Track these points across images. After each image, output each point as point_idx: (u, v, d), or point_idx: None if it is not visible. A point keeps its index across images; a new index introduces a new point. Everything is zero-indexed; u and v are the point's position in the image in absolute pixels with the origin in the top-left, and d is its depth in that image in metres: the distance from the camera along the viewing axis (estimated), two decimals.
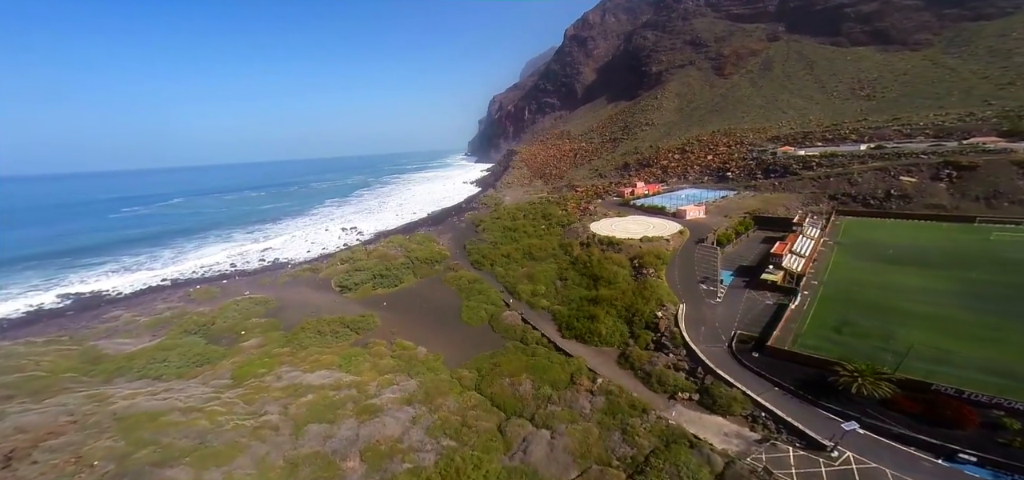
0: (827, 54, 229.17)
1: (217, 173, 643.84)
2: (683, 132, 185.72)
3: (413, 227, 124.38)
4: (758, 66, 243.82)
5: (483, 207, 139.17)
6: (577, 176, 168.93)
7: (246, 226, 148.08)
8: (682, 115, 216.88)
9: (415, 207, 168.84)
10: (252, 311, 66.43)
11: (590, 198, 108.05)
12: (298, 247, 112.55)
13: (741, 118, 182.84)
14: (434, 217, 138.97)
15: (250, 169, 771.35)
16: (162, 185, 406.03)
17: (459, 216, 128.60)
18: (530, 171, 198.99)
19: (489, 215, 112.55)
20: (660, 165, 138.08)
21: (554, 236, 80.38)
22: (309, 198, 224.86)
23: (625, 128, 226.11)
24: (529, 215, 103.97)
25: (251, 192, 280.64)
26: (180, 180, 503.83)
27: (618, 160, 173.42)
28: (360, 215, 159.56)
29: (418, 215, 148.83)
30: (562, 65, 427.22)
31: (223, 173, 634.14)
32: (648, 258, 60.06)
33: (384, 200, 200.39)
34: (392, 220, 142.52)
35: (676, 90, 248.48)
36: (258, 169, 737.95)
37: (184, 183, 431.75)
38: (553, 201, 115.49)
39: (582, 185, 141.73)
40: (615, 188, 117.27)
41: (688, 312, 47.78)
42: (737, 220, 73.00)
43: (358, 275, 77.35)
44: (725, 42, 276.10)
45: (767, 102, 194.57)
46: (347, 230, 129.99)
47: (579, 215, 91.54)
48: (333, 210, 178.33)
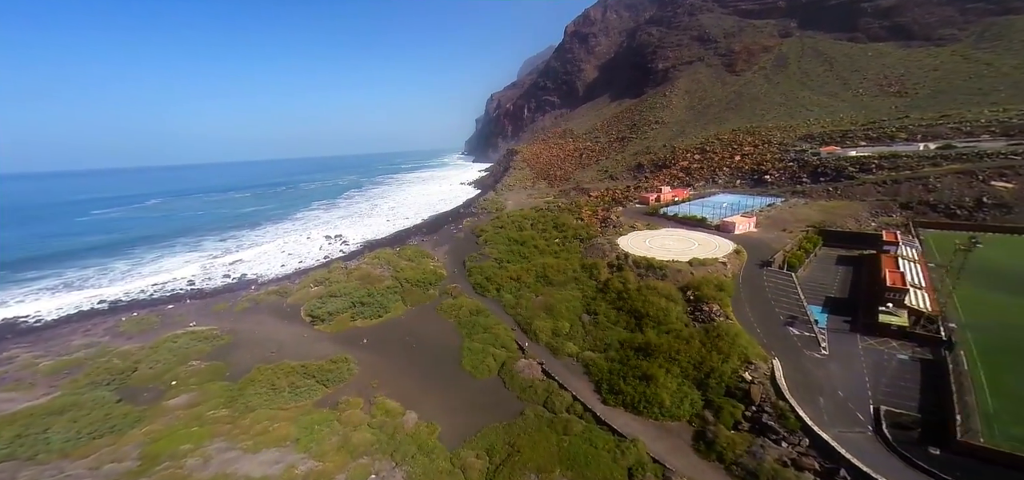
0: (845, 50, 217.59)
1: (209, 172, 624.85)
2: (698, 130, 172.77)
3: (404, 236, 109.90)
4: (771, 63, 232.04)
5: (483, 213, 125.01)
6: (585, 178, 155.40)
7: (220, 232, 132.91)
8: (694, 113, 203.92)
9: (408, 212, 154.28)
10: (192, 351, 51.80)
11: (608, 205, 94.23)
12: (272, 260, 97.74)
13: (761, 116, 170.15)
14: (428, 224, 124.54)
15: (244, 168, 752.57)
16: (147, 184, 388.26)
17: (457, 223, 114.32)
18: (533, 172, 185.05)
19: (491, 223, 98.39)
20: (680, 166, 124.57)
21: (573, 253, 66.32)
22: (296, 200, 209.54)
23: (633, 126, 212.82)
24: (538, 224, 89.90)
25: (237, 193, 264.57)
26: (168, 179, 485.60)
27: (629, 160, 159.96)
28: (348, 220, 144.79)
29: (411, 221, 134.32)
30: (563, 62, 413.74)
31: (215, 172, 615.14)
32: (706, 289, 46.17)
33: (375, 203, 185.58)
34: (382, 227, 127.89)
35: (685, 87, 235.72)
36: (252, 168, 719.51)
37: (171, 182, 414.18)
38: (564, 207, 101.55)
39: (594, 189, 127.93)
40: (634, 192, 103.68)
41: (787, 371, 33.93)
42: (800, 235, 59.35)
43: (334, 302, 62.88)
44: (735, 38, 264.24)
45: (787, 99, 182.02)
46: (331, 239, 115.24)
47: (599, 226, 77.67)
48: (320, 214, 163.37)
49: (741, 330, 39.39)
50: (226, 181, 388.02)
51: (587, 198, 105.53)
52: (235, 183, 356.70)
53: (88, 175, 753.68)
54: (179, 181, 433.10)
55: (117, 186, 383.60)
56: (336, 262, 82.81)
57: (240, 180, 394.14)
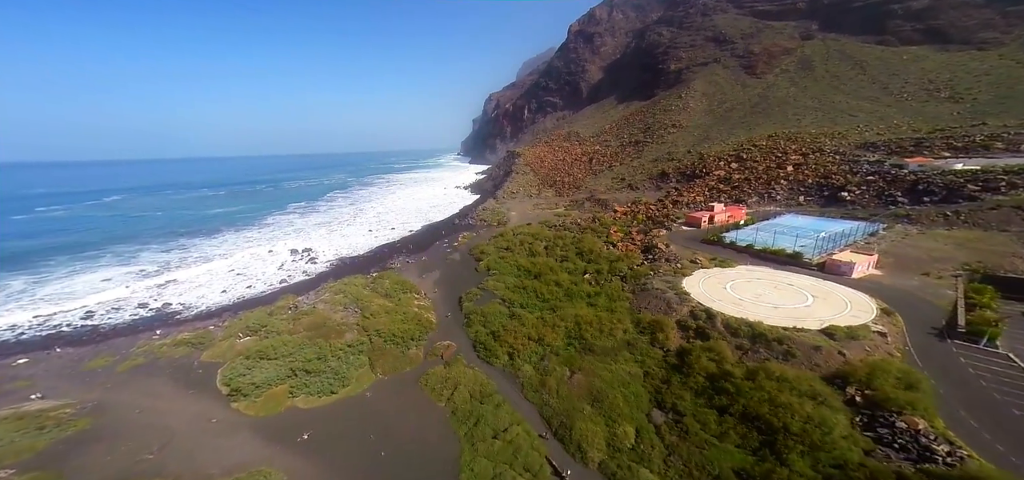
0: (876, 54, 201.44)
1: (196, 166, 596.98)
2: (724, 135, 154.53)
3: (386, 254, 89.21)
4: (795, 65, 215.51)
5: (482, 225, 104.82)
6: (599, 186, 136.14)
7: (167, 240, 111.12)
8: (715, 117, 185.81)
9: (395, 220, 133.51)
10: (6, 452, 31.13)
11: (644, 225, 74.53)
12: (214, 283, 76.50)
13: (795, 121, 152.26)
14: (417, 239, 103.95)
15: (233, 163, 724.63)
16: (120, 179, 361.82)
17: (450, 238, 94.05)
18: (537, 178, 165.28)
19: (493, 243, 78.29)
20: (715, 176, 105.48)
21: (618, 301, 46.34)
22: (271, 201, 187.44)
23: (647, 130, 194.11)
24: (556, 247, 69.91)
25: (212, 190, 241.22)
26: (147, 173, 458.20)
27: (649, 167, 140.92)
28: (323, 229, 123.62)
29: (397, 233, 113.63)
30: (566, 62, 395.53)
31: (202, 166, 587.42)
32: (884, 385, 26.48)
33: (360, 208, 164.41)
34: (361, 240, 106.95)
35: (702, 89, 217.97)
36: (241, 163, 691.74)
37: (148, 176, 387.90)
38: (585, 225, 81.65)
39: (614, 200, 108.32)
40: (671, 208, 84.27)
41: None
42: (964, 286, 39.97)
43: (267, 367, 42.39)
44: (753, 40, 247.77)
45: (820, 103, 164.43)
46: (297, 254, 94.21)
47: (640, 255, 57.95)
48: (294, 219, 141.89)
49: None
50: (207, 177, 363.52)
51: (613, 214, 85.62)
52: (216, 179, 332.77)
53: (64, 166, 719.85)
54: (157, 175, 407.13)
55: (83, 180, 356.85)
56: (289, 294, 61.94)
57: (223, 176, 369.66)
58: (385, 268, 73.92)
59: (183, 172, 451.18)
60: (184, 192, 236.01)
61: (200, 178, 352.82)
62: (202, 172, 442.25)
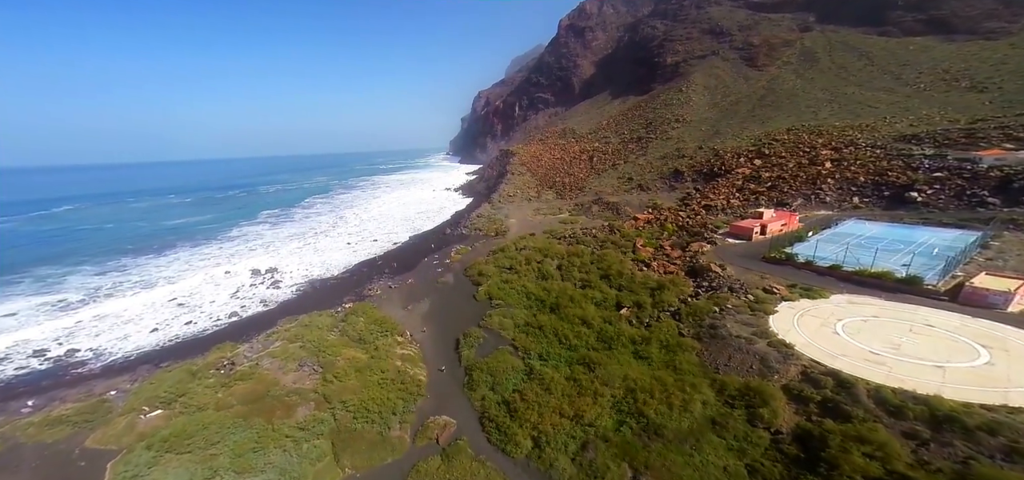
0: (880, 45, 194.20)
1: (172, 170, 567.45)
2: (735, 129, 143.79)
3: (364, 276, 74.89)
4: (796, 57, 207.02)
5: (478, 236, 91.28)
6: (604, 187, 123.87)
7: (109, 258, 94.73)
8: (720, 110, 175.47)
9: (378, 229, 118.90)
10: None
11: (674, 235, 61.94)
12: (146, 318, 61.32)
13: (810, 114, 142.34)
14: (402, 254, 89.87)
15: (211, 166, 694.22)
16: (77, 185, 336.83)
17: (441, 253, 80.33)
18: (535, 179, 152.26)
19: (493, 260, 64.96)
20: (739, 173, 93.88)
21: (675, 349, 33.54)
22: (242, 209, 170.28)
23: (649, 125, 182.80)
24: (570, 266, 56.81)
25: (176, 197, 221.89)
26: (116, 177, 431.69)
27: (658, 165, 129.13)
28: (295, 242, 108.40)
29: (379, 245, 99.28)
30: (557, 57, 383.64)
31: (180, 170, 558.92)
32: None
33: (340, 215, 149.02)
34: (337, 256, 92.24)
35: (703, 82, 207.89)
36: (219, 166, 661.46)
37: (112, 182, 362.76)
38: (601, 235, 68.77)
39: (630, 205, 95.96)
40: (698, 211, 71.98)
41: None
42: None
43: (175, 467, 28.24)
44: (751, 32, 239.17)
45: (832, 96, 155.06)
46: (259, 276, 79.18)
47: (685, 278, 45.33)
48: (263, 231, 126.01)
49: None
50: (180, 182, 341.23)
51: (634, 223, 72.75)
52: (189, 184, 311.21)
53: (36, 172, 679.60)
54: (128, 180, 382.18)
55: (41, 187, 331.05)
56: (229, 342, 47.45)
57: (198, 180, 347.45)
58: (362, 297, 59.83)
59: (158, 176, 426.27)
60: (148, 199, 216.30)
61: (172, 183, 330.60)
62: (178, 176, 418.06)
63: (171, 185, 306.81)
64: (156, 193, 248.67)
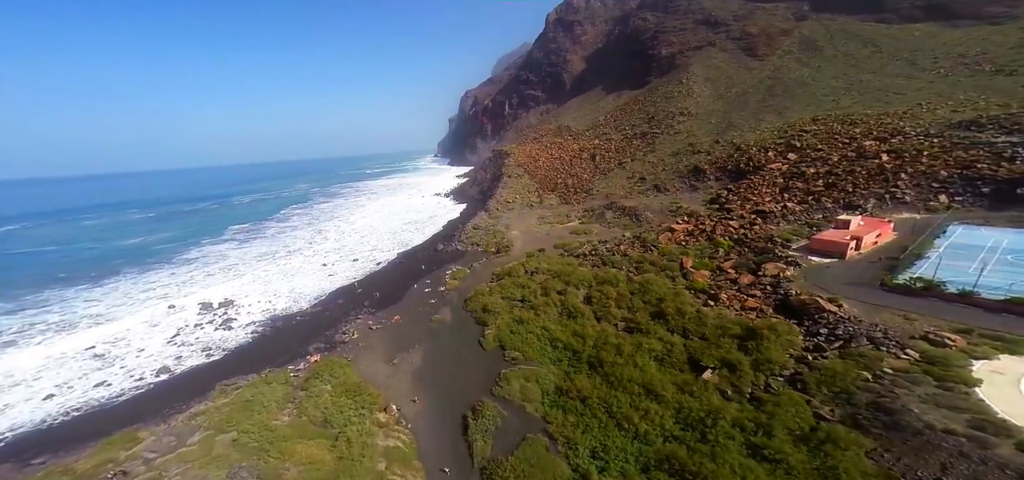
0: (884, 32, 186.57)
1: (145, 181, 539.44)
2: (749, 121, 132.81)
3: (338, 311, 60.67)
4: (797, 46, 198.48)
5: (476, 252, 77.81)
6: (614, 188, 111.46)
7: (32, 290, 78.51)
8: (727, 102, 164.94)
9: (359, 245, 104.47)
10: None
11: (731, 253, 49.40)
12: (45, 378, 46.38)
13: (831, 102, 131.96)
14: (387, 278, 75.82)
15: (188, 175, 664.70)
16: (31, 201, 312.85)
17: (434, 276, 66.68)
18: (534, 181, 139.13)
19: (499, 288, 51.71)
20: (774, 169, 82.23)
21: (825, 447, 21.02)
22: (209, 224, 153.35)
23: (651, 119, 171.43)
24: (603, 296, 43.78)
25: (139, 211, 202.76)
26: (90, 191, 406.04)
27: (672, 162, 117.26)
28: (263, 264, 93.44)
29: (360, 266, 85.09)
30: (546, 53, 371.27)
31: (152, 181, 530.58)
32: None
33: (318, 228, 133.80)
34: (308, 282, 77.73)
35: (703, 74, 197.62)
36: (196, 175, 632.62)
37: (81, 196, 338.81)
38: (635, 255, 55.91)
39: (651, 208, 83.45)
40: (752, 219, 59.76)
41: None
42: None
43: None
44: (747, 21, 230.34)
45: (848, 83, 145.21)
46: (210, 311, 64.37)
47: (776, 316, 32.86)
48: (228, 250, 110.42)
49: None
50: (150, 194, 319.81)
51: (669, 235, 59.88)
52: (159, 196, 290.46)
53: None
54: (94, 194, 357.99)
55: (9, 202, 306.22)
56: (127, 432, 33.36)
57: (169, 192, 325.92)
58: (333, 344, 45.96)
59: (130, 188, 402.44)
60: (109, 215, 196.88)
61: (143, 195, 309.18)
62: (152, 188, 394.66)
63: (141, 198, 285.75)
64: (120, 207, 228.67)
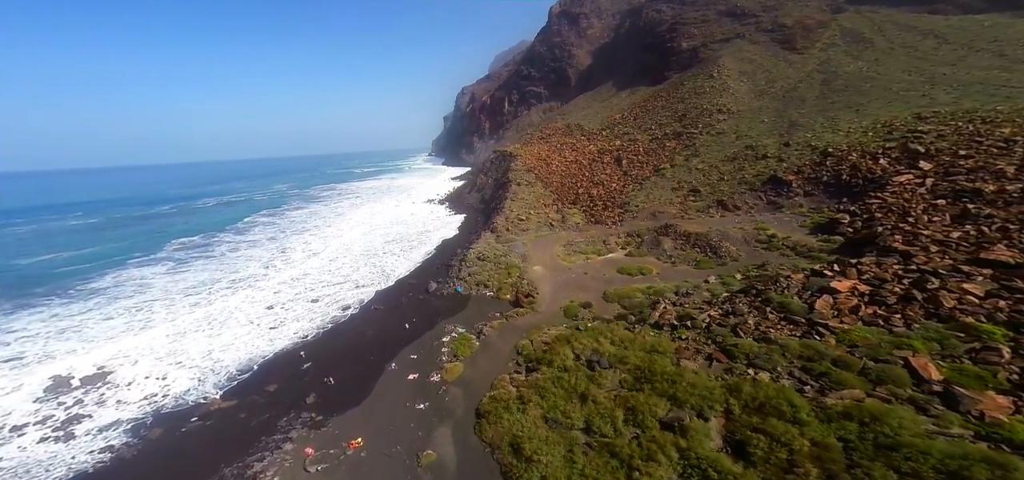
0: (944, 24, 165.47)
1: (116, 177, 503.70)
2: (817, 120, 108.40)
3: (263, 410, 34.72)
4: (841, 39, 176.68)
5: (484, 297, 52.30)
6: (659, 202, 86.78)
7: None
8: (773, 98, 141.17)
9: (326, 273, 78.27)
10: None
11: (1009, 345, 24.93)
12: None
13: (919, 98, 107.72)
14: (350, 338, 49.84)
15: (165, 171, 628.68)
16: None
17: (425, 342, 41.13)
18: (548, 190, 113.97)
19: (530, 387, 26.47)
20: (899, 182, 58.02)
21: None
22: (148, 236, 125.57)
23: (682, 118, 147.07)
24: (773, 441, 19.04)
25: (79, 216, 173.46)
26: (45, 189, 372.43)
27: (729, 169, 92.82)
28: (190, 302, 66.98)
29: (317, 313, 59.05)
30: (549, 47, 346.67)
31: (122, 177, 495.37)
32: None
33: (283, 245, 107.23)
34: (237, 340, 51.54)
35: (736, 68, 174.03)
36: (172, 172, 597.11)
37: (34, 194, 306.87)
38: (784, 342, 31.02)
39: (729, 242, 58.51)
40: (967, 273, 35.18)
41: None
42: None
43: None
44: (779, 12, 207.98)
45: (929, 78, 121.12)
46: (62, 395, 38.16)
47: None
48: (153, 278, 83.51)
49: None
50: (107, 194, 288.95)
51: (828, 303, 34.83)
52: (116, 197, 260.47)
53: None
54: (45, 193, 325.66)
55: None
56: None
57: (129, 193, 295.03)
58: None
59: (93, 187, 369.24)
60: (40, 220, 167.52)
61: (98, 195, 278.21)
62: (115, 186, 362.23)
63: (100, 197, 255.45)
64: (64, 210, 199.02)
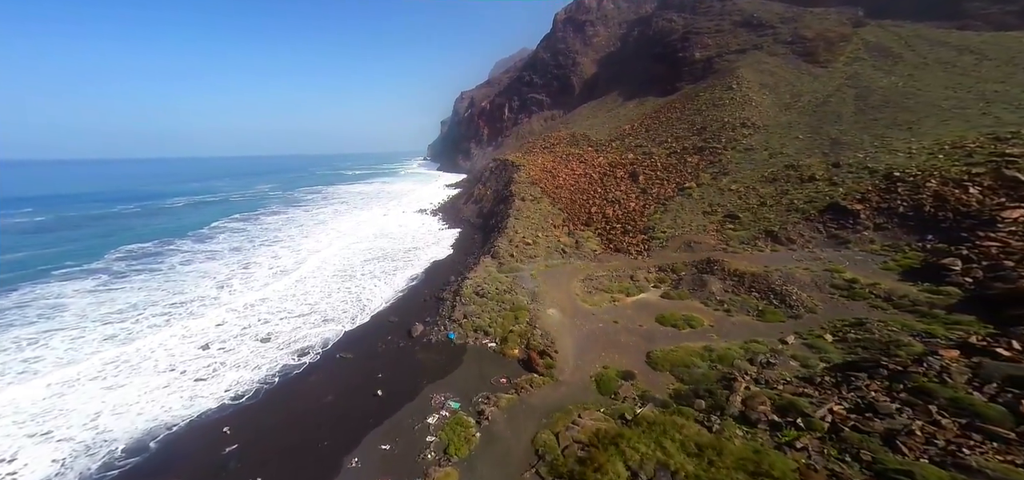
0: (977, 40, 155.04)
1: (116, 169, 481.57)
2: (866, 139, 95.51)
3: None
4: (867, 52, 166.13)
5: (483, 348, 37.74)
6: (690, 228, 72.93)
7: None
8: (801, 113, 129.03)
9: (289, 301, 62.95)
10: None
11: None
12: None
13: (980, 118, 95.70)
14: (299, 409, 34.60)
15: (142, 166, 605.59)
16: None
17: (402, 422, 26.16)
18: (556, 206, 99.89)
19: None
20: (1009, 217, 44.85)
21: None
22: (95, 239, 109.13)
23: (702, 131, 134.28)
24: None
25: (28, 212, 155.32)
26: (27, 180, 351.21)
27: (772, 193, 79.42)
28: (108, 332, 51.36)
29: (265, 359, 43.90)
30: (554, 54, 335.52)
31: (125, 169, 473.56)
32: None
33: (248, 259, 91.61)
34: (146, 399, 36.22)
35: (757, 80, 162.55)
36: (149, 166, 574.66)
37: None
38: None
39: (796, 285, 44.37)
40: None
41: None
42: None
43: None
44: (797, 23, 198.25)
45: (980, 97, 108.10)
46: None
47: None
48: (71, 298, 67.45)
49: None
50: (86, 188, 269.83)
51: None
52: (87, 190, 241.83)
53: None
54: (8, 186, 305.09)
55: None
56: None
57: (104, 186, 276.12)
58: None
59: (77, 179, 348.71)
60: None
61: (68, 189, 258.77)
62: (93, 179, 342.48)
63: (57, 192, 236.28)
64: (13, 205, 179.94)
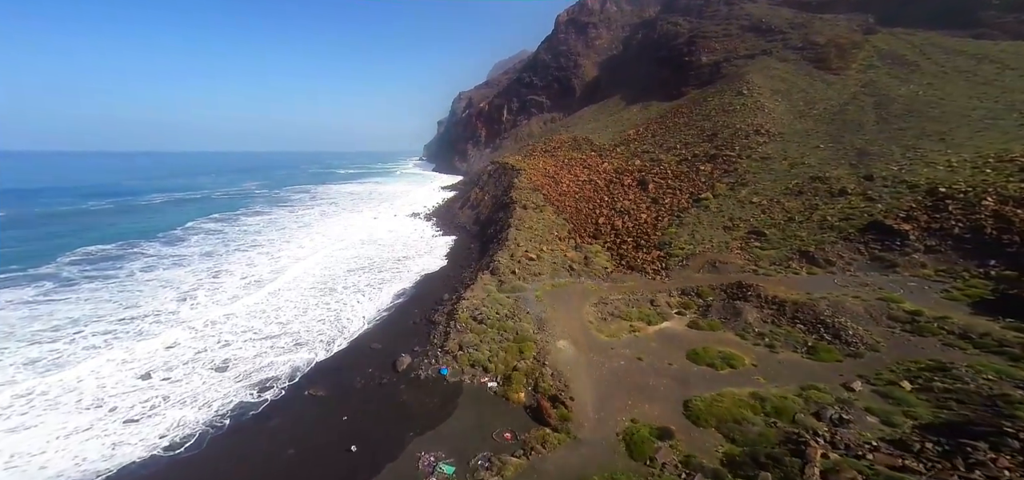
0: (995, 49, 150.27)
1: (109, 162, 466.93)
2: (896, 150, 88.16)
3: None
4: (881, 60, 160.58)
5: (480, 390, 29.61)
6: (713, 246, 65.12)
7: None
8: (817, 121, 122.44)
9: (258, 320, 54.29)
10: None
11: None
12: None
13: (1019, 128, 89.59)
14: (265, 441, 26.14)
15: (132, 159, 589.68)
16: None
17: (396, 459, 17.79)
18: (561, 215, 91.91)
19: None
20: None
21: None
22: (55, 239, 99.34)
23: (713, 138, 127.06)
24: None
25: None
26: None
27: (800, 208, 71.88)
28: (26, 357, 42.29)
29: (223, 388, 35.55)
30: (555, 55, 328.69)
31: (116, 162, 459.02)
32: None
33: (219, 267, 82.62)
34: (47, 464, 28.19)
35: (767, 85, 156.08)
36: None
37: None
38: None
39: (849, 320, 36.63)
40: None
41: None
42: None
43: None
44: (808, 30, 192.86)
45: (1011, 107, 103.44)
46: None
47: None
48: (1, 311, 58.14)
49: None
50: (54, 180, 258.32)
51: None
52: (62, 184, 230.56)
53: None
54: None
55: None
56: None
57: (85, 178, 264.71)
58: None
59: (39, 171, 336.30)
60: None
61: (39, 182, 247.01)
62: (81, 171, 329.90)
63: (28, 185, 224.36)
64: None
